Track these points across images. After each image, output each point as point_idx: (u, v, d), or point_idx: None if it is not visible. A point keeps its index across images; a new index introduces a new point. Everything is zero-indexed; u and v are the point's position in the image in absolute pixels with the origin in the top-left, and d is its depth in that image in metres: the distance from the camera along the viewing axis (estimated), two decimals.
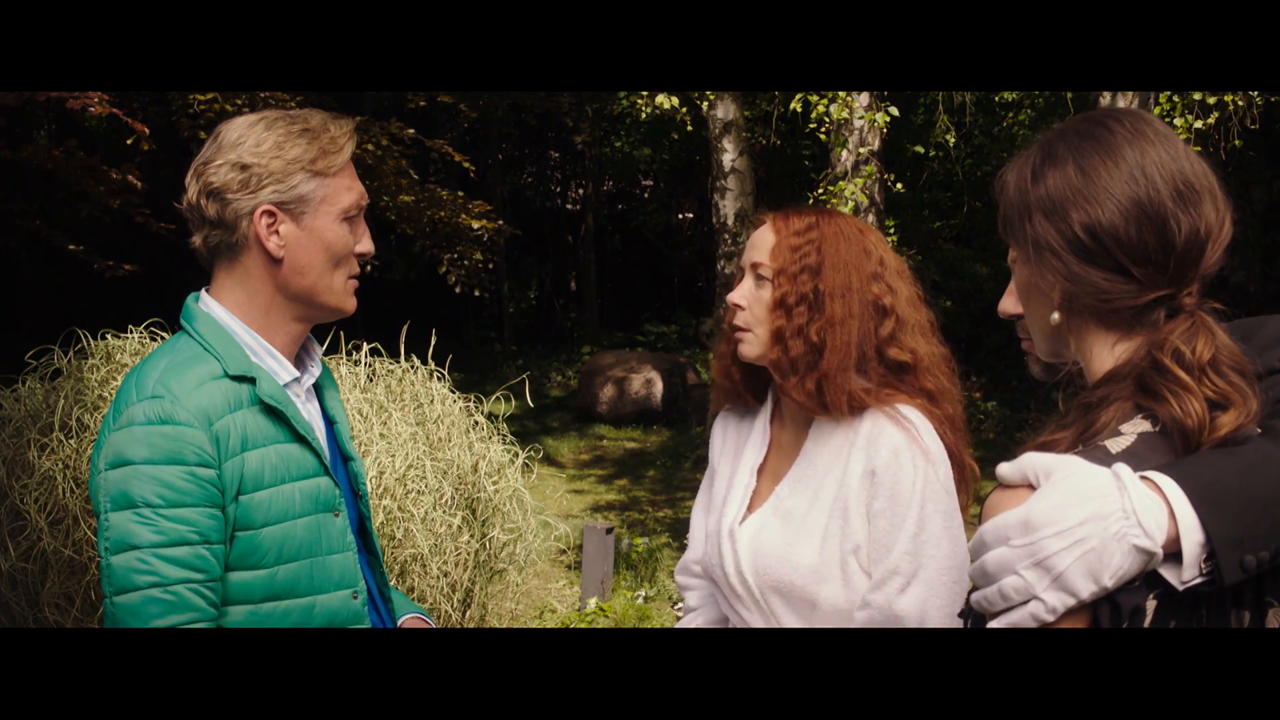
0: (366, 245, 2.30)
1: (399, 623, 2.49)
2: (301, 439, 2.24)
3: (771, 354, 2.47)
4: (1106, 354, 1.61)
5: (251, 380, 2.18)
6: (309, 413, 2.34)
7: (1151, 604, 1.40)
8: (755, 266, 2.49)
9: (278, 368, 2.26)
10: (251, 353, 2.23)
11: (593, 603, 7.22)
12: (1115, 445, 1.48)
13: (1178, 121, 8.55)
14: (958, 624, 2.14)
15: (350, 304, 2.31)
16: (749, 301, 2.49)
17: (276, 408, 2.19)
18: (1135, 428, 1.50)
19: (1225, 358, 1.53)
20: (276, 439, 2.20)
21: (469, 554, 5.82)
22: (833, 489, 2.45)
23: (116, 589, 2.04)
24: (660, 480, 11.73)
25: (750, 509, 2.55)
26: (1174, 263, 1.55)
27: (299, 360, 2.35)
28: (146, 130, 7.80)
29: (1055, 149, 1.63)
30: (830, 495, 2.45)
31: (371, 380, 6.11)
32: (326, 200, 2.22)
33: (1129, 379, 1.54)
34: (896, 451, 2.39)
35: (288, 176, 2.19)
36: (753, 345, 2.50)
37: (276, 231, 2.20)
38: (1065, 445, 1.52)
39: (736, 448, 2.66)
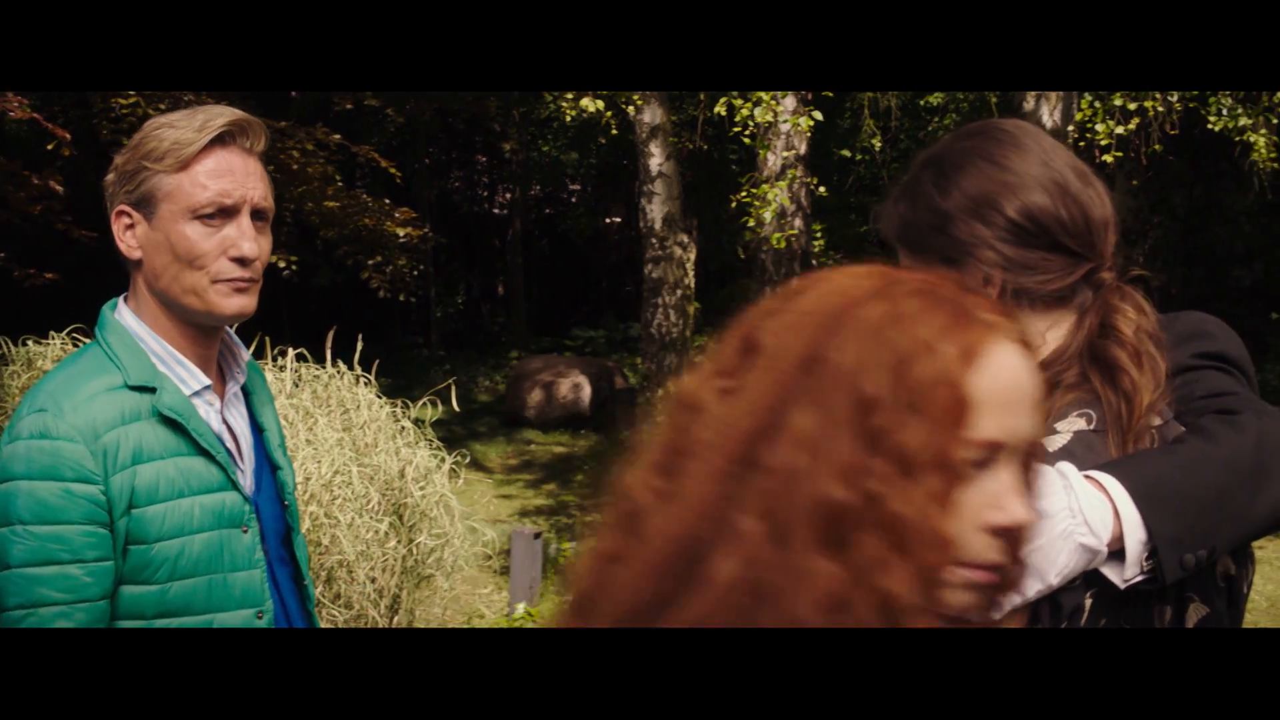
0: (242, 248, 2.11)
1: None
2: (205, 452, 2.13)
3: None
4: (1038, 341, 1.62)
5: (152, 390, 2.08)
6: (231, 419, 2.24)
7: (1088, 602, 1.41)
8: None
9: (186, 376, 2.14)
10: (159, 361, 2.12)
11: (521, 608, 7.20)
12: (1051, 444, 1.48)
13: (1099, 127, 8.66)
14: None
15: (224, 306, 2.12)
16: None
17: (177, 420, 2.09)
18: (1070, 426, 1.51)
19: (1148, 326, 1.58)
20: (178, 451, 2.09)
21: (396, 560, 5.77)
22: None
23: None
24: (588, 484, 11.69)
25: None
26: (1095, 237, 1.60)
27: (221, 367, 2.26)
28: (68, 136, 7.69)
29: (945, 163, 1.66)
30: None
31: (297, 386, 6.06)
32: (171, 198, 2.08)
33: (1075, 356, 1.56)
34: None
35: (137, 174, 2.09)
36: None
37: (132, 232, 2.12)
38: None
39: None
